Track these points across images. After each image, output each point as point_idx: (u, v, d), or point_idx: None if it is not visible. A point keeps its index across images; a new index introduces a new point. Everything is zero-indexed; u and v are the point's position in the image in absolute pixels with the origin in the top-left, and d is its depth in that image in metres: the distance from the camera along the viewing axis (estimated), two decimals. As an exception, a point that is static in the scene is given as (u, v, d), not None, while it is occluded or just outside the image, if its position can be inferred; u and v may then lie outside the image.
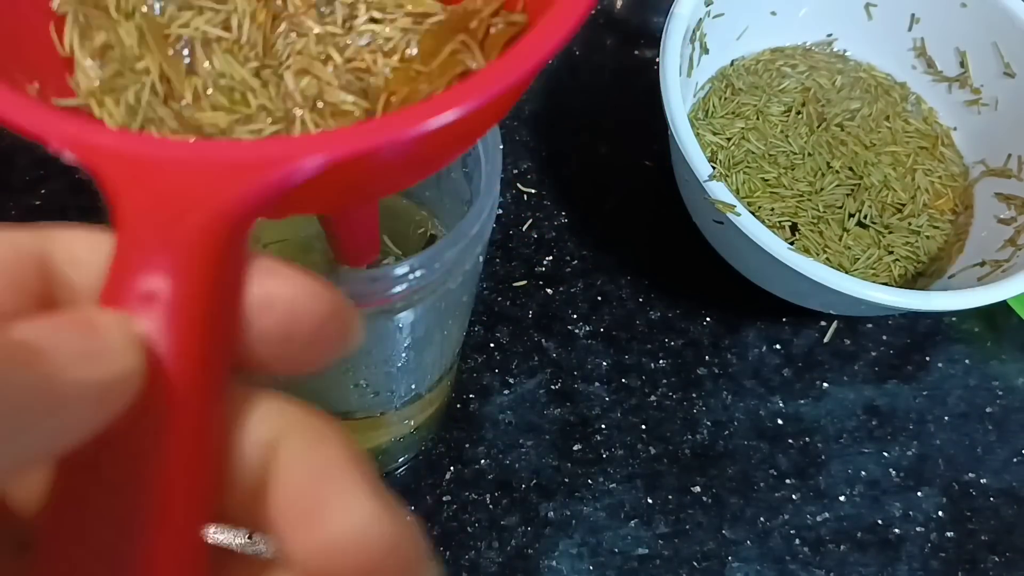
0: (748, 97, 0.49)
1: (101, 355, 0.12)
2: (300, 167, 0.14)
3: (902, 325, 0.48)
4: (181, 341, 0.13)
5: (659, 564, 0.40)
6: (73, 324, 0.13)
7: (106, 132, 0.16)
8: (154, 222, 0.14)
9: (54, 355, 0.12)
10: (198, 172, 0.14)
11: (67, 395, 0.12)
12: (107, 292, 0.14)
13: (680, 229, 0.48)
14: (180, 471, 0.14)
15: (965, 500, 0.44)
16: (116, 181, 0.14)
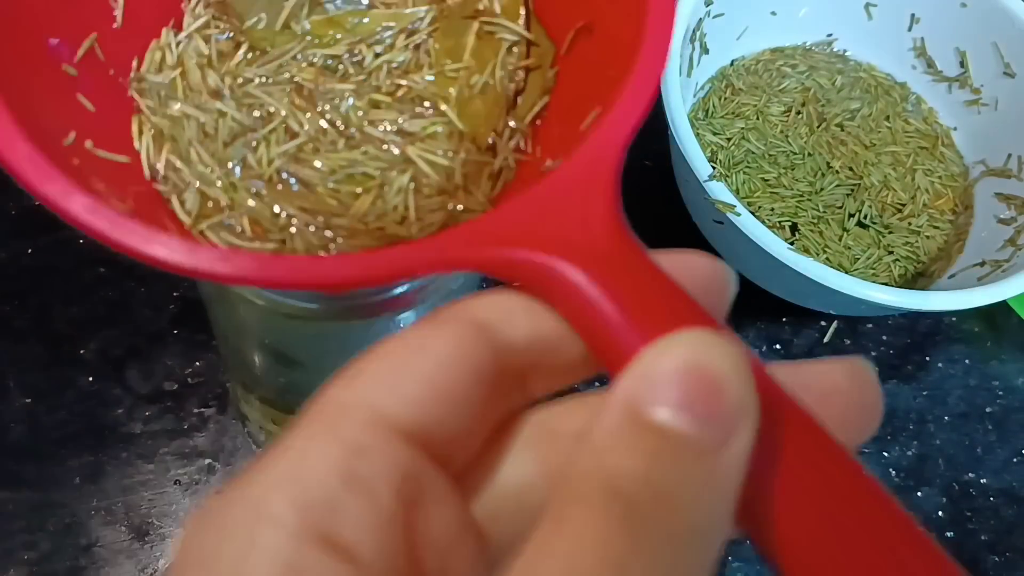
0: (748, 97, 0.49)
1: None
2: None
3: (902, 325, 0.48)
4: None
5: (659, 564, 0.40)
6: (706, 398, 0.13)
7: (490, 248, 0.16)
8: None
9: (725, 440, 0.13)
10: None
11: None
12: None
13: (680, 229, 0.48)
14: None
15: (965, 500, 0.44)
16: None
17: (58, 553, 0.37)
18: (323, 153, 0.22)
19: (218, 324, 0.32)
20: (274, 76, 0.23)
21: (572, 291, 0.15)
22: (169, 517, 0.38)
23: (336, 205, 0.22)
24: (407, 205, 0.22)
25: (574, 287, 0.15)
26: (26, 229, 0.44)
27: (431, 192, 0.22)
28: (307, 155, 0.22)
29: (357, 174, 0.22)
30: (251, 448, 0.40)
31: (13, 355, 0.41)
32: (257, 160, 0.22)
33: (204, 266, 0.15)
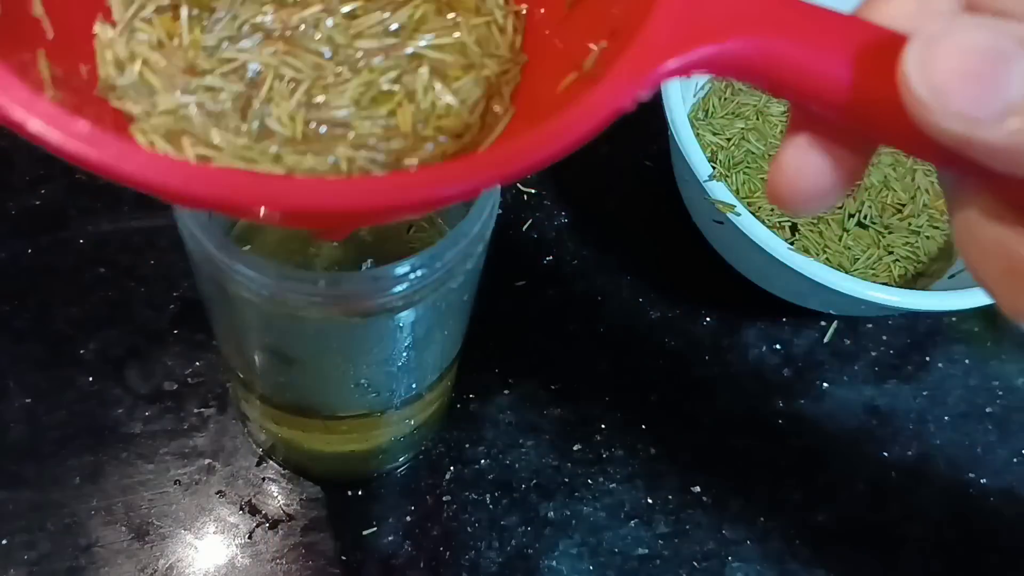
0: (748, 97, 0.49)
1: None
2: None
3: (902, 325, 0.48)
4: None
5: (659, 564, 0.40)
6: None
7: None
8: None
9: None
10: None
11: None
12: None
13: (680, 229, 0.48)
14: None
15: (965, 500, 0.44)
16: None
17: (58, 553, 0.37)
18: (334, 88, 0.21)
19: (218, 324, 0.32)
20: (236, 32, 0.21)
21: (783, 61, 0.16)
22: (169, 517, 0.38)
23: (383, 131, 0.21)
24: (443, 95, 0.21)
25: (784, 56, 0.16)
26: (26, 229, 0.44)
27: (457, 73, 0.22)
28: (321, 96, 0.21)
29: (379, 94, 0.21)
30: (251, 448, 0.40)
31: (13, 355, 0.41)
32: (279, 120, 0.20)
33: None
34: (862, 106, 0.17)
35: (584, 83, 0.19)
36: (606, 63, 0.18)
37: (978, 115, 0.15)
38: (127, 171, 0.14)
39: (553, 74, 0.21)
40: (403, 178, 0.16)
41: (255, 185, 0.15)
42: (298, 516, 0.39)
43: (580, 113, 0.16)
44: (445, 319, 0.30)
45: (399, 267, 0.25)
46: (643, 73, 0.16)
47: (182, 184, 0.14)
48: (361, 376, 0.31)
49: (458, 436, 0.42)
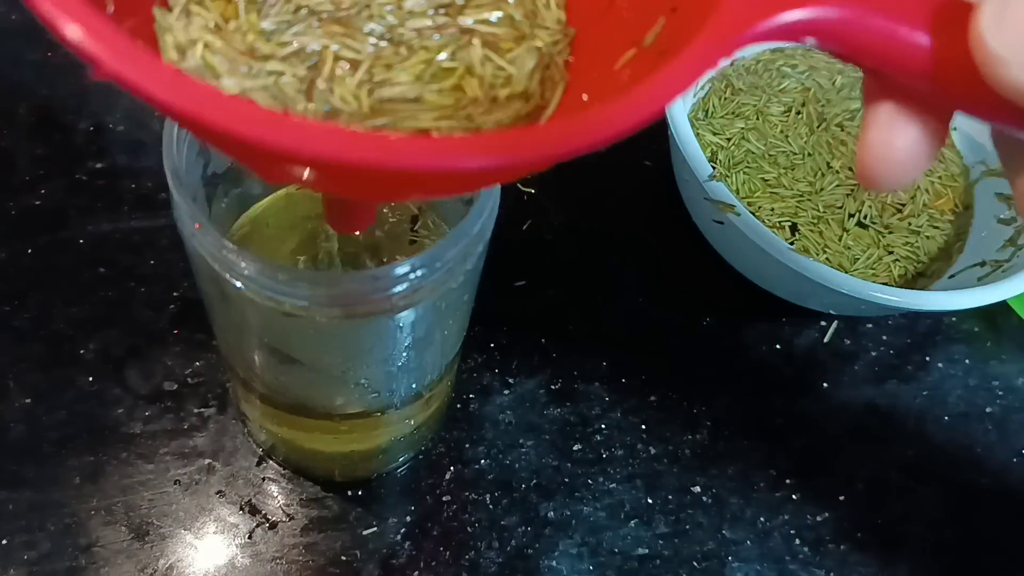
0: (748, 97, 0.49)
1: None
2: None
3: (902, 325, 0.48)
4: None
5: (659, 564, 0.40)
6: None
7: None
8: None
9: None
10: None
11: None
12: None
13: (680, 229, 0.48)
14: None
15: (965, 500, 0.44)
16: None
17: (58, 553, 0.37)
18: (397, 68, 0.21)
19: (218, 324, 0.32)
20: (292, 16, 0.21)
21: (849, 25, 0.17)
22: (169, 517, 0.38)
23: (454, 101, 0.21)
24: (499, 66, 0.21)
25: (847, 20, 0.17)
26: (26, 229, 0.44)
27: (509, 45, 0.22)
28: (384, 75, 0.21)
29: (439, 70, 0.21)
30: (251, 448, 0.40)
31: (13, 355, 0.41)
32: (343, 99, 0.20)
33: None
34: (941, 70, 0.17)
35: (648, 58, 0.19)
36: (672, 37, 0.19)
37: None
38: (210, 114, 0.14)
39: (607, 51, 0.21)
40: (519, 134, 0.16)
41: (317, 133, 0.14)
42: (298, 516, 0.39)
43: (674, 73, 0.16)
44: (445, 319, 0.30)
45: (399, 267, 0.25)
46: (733, 35, 0.17)
47: (269, 132, 0.14)
48: (361, 376, 0.31)
49: (458, 436, 0.42)
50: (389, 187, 0.18)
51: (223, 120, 0.14)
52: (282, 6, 0.21)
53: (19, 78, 0.49)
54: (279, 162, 0.16)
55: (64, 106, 0.48)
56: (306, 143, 0.14)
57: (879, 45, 0.17)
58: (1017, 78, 0.15)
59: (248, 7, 0.21)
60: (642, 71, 0.19)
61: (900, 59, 0.17)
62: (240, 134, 0.14)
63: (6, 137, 0.47)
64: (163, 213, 0.45)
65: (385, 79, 0.21)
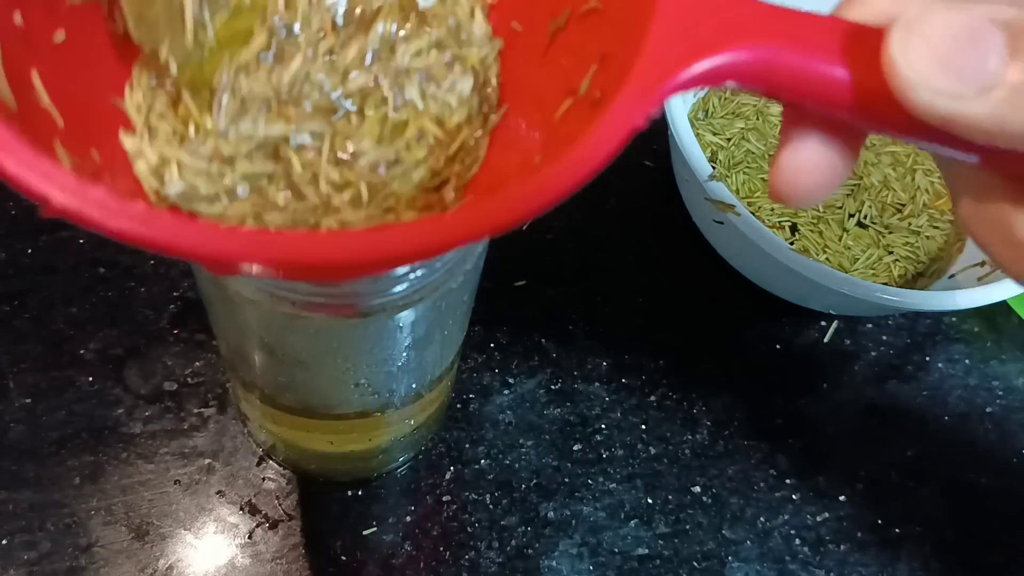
0: (748, 97, 0.49)
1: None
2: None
3: (902, 325, 0.48)
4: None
5: (659, 564, 0.40)
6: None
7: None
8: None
9: None
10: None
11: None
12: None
13: (680, 229, 0.48)
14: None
15: (965, 500, 0.44)
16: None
17: (58, 553, 0.37)
18: (355, 138, 0.22)
19: (218, 324, 0.32)
20: (240, 108, 0.21)
21: (776, 64, 0.17)
22: (169, 517, 0.38)
23: (425, 152, 0.21)
24: (441, 95, 0.22)
25: (775, 62, 0.17)
26: (26, 229, 0.44)
27: (443, 73, 0.22)
28: (346, 150, 0.21)
29: (396, 125, 0.22)
30: (251, 448, 0.40)
31: (13, 355, 0.41)
32: (328, 182, 0.21)
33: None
34: (857, 99, 0.17)
35: (583, 107, 0.20)
36: (603, 86, 0.19)
37: (961, 90, 0.16)
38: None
39: (547, 98, 0.21)
40: (403, 229, 0.16)
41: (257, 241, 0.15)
42: (298, 516, 0.39)
43: (599, 138, 0.17)
44: (445, 319, 0.30)
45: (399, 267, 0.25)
46: (653, 90, 0.17)
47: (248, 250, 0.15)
48: (361, 376, 0.31)
49: (458, 436, 0.42)
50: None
51: (162, 240, 0.15)
52: (230, 101, 0.21)
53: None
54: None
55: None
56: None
57: (796, 81, 0.18)
58: (928, 100, 0.16)
59: (200, 108, 0.21)
60: (579, 123, 0.19)
61: (817, 92, 0.18)
62: (183, 250, 0.15)
63: (6, 137, 0.47)
64: (163, 213, 0.45)
65: (353, 153, 0.21)
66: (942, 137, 0.17)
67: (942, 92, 0.16)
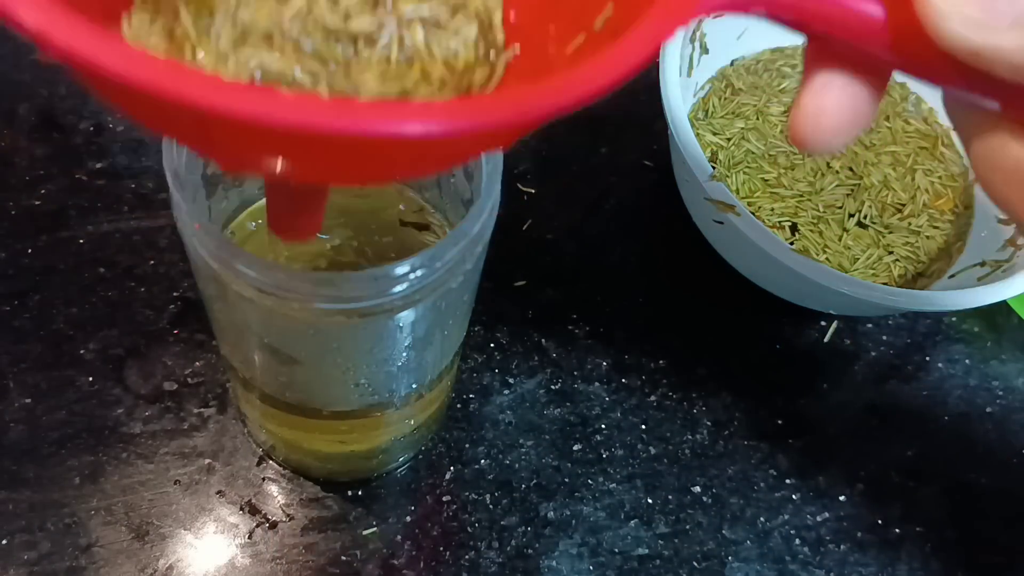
0: (748, 97, 0.49)
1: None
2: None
3: (902, 325, 0.48)
4: None
5: (659, 564, 0.40)
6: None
7: None
8: None
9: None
10: None
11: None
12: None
13: (680, 229, 0.48)
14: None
15: (965, 500, 0.44)
16: None
17: (58, 553, 0.37)
18: (357, 73, 0.21)
19: (218, 324, 0.32)
20: (240, 37, 0.21)
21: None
22: (169, 517, 0.38)
23: (428, 91, 0.21)
24: (446, 41, 0.22)
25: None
26: (26, 229, 0.44)
27: (447, 18, 0.22)
28: (346, 84, 0.21)
29: (399, 68, 0.21)
30: (251, 448, 0.40)
31: (13, 355, 0.41)
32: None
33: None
34: (888, 31, 0.17)
35: (601, 39, 0.19)
36: (622, 18, 0.19)
37: (992, 21, 0.16)
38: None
39: (556, 37, 0.21)
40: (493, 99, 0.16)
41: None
42: (298, 516, 0.39)
43: (637, 39, 0.16)
44: (445, 319, 0.30)
45: (399, 267, 0.25)
46: (689, 4, 0.17)
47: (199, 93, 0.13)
48: (361, 376, 0.31)
49: (458, 436, 0.42)
50: (353, 161, 0.17)
51: (162, 87, 0.13)
52: (229, 28, 0.21)
53: (19, 78, 0.49)
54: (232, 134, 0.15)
55: (64, 106, 0.48)
56: (273, 111, 0.13)
57: (827, 11, 0.17)
58: (959, 31, 0.16)
59: (197, 33, 0.21)
60: (600, 50, 0.19)
61: (848, 23, 0.17)
62: (194, 104, 0.13)
63: (6, 137, 0.47)
64: (163, 213, 0.45)
65: (353, 86, 0.21)
66: (968, 76, 0.17)
67: (973, 22, 0.16)
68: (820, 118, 0.19)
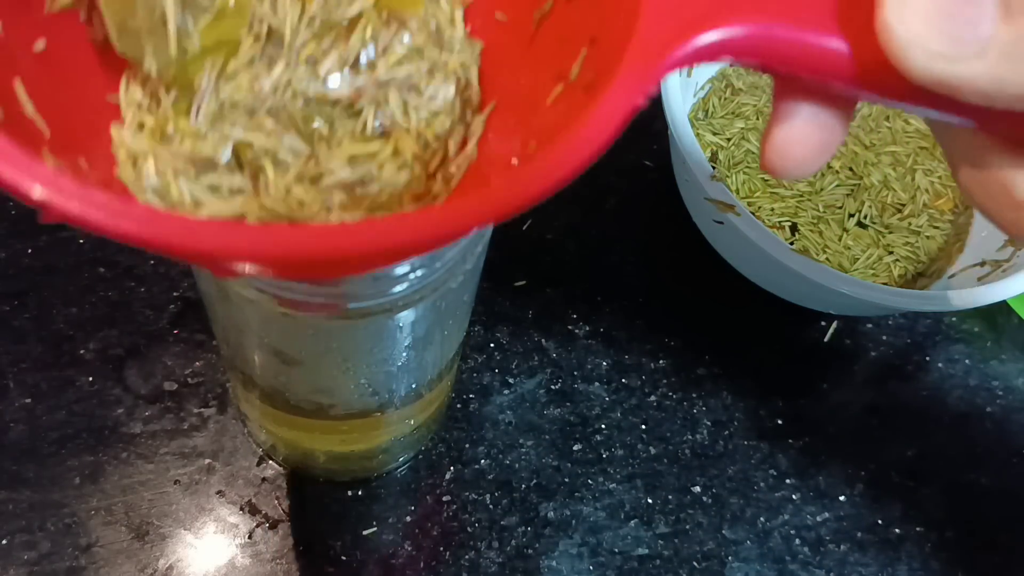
0: (748, 97, 0.49)
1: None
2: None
3: (902, 325, 0.48)
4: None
5: (659, 564, 0.40)
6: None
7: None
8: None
9: None
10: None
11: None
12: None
13: (680, 229, 0.48)
14: None
15: (965, 500, 0.44)
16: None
17: (58, 553, 0.37)
18: (327, 156, 0.21)
19: (218, 324, 0.32)
20: (220, 112, 0.21)
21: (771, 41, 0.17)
22: (169, 517, 0.38)
23: (398, 167, 0.21)
24: (425, 105, 0.22)
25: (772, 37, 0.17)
26: (26, 229, 0.44)
27: (425, 80, 0.22)
28: (317, 168, 0.21)
29: (369, 141, 0.22)
30: (251, 448, 0.40)
31: (13, 355, 0.41)
32: (294, 199, 0.21)
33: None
34: (854, 68, 0.17)
35: (576, 92, 0.20)
36: (596, 68, 0.19)
37: (957, 51, 0.16)
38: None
39: (536, 88, 0.21)
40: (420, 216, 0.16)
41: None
42: (298, 516, 0.39)
43: (599, 118, 0.17)
44: (445, 319, 0.30)
45: (399, 267, 0.25)
46: (650, 67, 0.17)
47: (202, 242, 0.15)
48: (361, 376, 0.31)
49: (458, 436, 0.42)
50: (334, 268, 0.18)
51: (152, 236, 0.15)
52: (210, 102, 0.21)
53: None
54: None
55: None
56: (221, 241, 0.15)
57: (791, 54, 0.18)
58: (925, 63, 0.16)
59: (176, 110, 0.21)
60: (573, 107, 0.19)
61: (813, 63, 0.18)
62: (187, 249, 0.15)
63: (6, 137, 0.47)
64: (163, 213, 0.45)
65: (319, 172, 0.21)
66: (938, 101, 0.17)
67: (939, 54, 0.16)
68: (789, 148, 0.19)
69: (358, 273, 0.22)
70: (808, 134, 0.19)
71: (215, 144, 0.21)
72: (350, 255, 0.15)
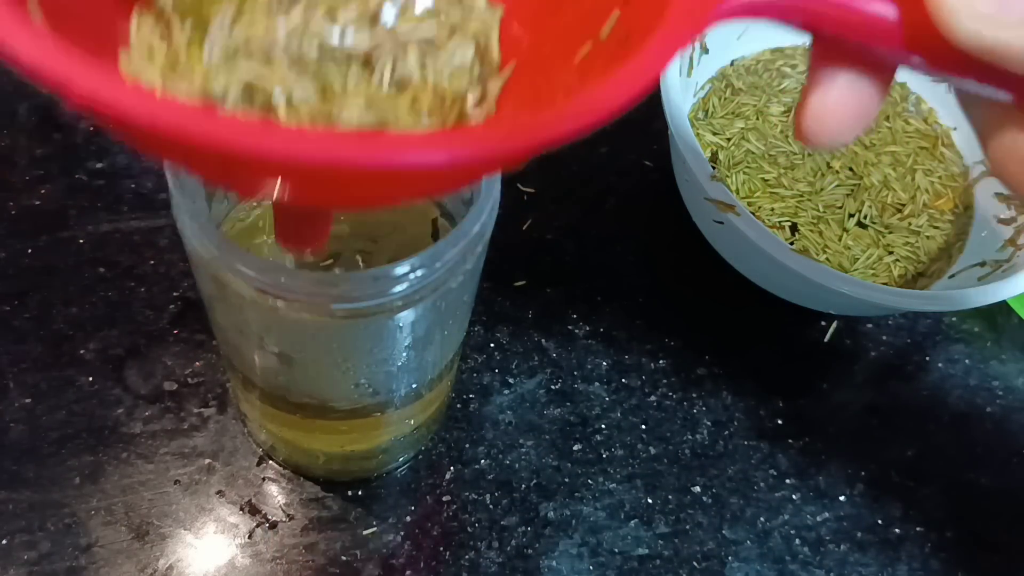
0: (748, 97, 0.49)
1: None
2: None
3: (902, 325, 0.48)
4: None
5: (659, 564, 0.40)
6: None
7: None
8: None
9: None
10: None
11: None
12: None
13: (680, 229, 0.48)
14: None
15: (965, 500, 0.44)
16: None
17: (58, 553, 0.37)
18: (346, 100, 0.21)
19: (218, 324, 0.32)
20: (234, 51, 0.21)
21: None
22: (169, 517, 0.38)
23: (415, 117, 0.21)
24: (444, 65, 0.21)
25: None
26: (26, 229, 0.44)
27: (442, 41, 0.22)
28: (334, 110, 0.21)
29: (388, 95, 0.21)
30: (251, 448, 0.40)
31: (13, 355, 0.41)
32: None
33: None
34: (899, 30, 0.17)
35: (609, 47, 0.19)
36: (630, 26, 0.19)
37: (1005, 17, 0.16)
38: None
39: (563, 48, 0.21)
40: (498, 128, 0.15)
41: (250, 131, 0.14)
42: (298, 516, 0.39)
43: (648, 57, 0.16)
44: (445, 319, 0.30)
45: (399, 267, 0.25)
46: (704, 12, 0.17)
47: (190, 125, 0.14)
48: (361, 376, 0.31)
49: (458, 436, 0.42)
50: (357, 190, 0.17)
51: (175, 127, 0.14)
52: (223, 40, 0.21)
53: (19, 78, 0.49)
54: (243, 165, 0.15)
55: (64, 106, 0.48)
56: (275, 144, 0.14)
57: (840, 14, 0.17)
58: (972, 28, 0.16)
59: (191, 43, 0.21)
60: (604, 62, 0.19)
61: (861, 25, 0.17)
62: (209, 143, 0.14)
63: (6, 137, 0.47)
64: (163, 213, 0.45)
65: (336, 112, 0.21)
66: (981, 71, 0.17)
67: (986, 19, 0.16)
68: (825, 115, 0.19)
69: (393, 198, 0.21)
70: (846, 101, 0.19)
71: (226, 82, 0.20)
72: (390, 165, 0.14)
